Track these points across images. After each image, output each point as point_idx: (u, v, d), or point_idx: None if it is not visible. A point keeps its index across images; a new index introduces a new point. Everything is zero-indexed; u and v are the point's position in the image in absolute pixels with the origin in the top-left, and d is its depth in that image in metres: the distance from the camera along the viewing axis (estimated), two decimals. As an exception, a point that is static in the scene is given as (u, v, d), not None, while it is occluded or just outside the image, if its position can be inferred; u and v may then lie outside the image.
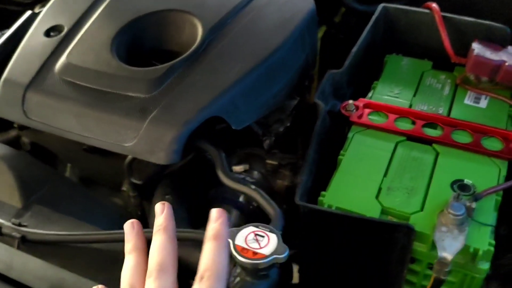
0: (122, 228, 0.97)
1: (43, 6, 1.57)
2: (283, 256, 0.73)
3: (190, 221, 0.94)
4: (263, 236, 0.76)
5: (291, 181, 1.12)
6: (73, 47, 1.10)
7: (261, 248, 0.74)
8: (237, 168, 1.11)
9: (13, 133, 1.22)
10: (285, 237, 0.96)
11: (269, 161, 1.12)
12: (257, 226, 0.77)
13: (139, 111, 0.96)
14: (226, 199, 1.07)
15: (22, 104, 1.04)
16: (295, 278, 1.04)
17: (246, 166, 1.13)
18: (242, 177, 1.10)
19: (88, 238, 0.80)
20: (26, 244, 0.81)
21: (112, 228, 0.95)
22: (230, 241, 0.75)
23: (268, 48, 1.03)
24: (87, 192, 1.00)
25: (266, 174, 1.14)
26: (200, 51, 1.04)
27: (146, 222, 1.11)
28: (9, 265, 0.83)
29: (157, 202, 0.99)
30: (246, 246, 0.74)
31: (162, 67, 1.01)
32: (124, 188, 1.10)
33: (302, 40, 1.09)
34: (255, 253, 0.73)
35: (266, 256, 0.73)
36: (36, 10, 1.37)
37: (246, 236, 0.76)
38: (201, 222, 1.01)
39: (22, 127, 1.18)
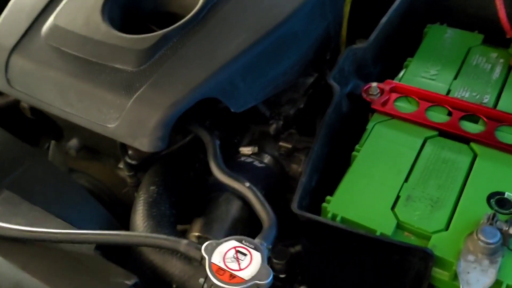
0: (100, 218, 0.90)
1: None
2: (265, 282, 0.61)
3: (175, 216, 0.83)
4: (245, 255, 0.63)
5: None
6: (62, 7, 0.98)
7: (240, 270, 0.62)
8: (245, 150, 0.98)
9: (12, 96, 1.14)
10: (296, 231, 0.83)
11: (282, 144, 0.98)
12: (240, 241, 0.65)
13: (124, 88, 0.84)
14: (226, 187, 0.95)
15: (5, 71, 0.95)
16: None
17: (255, 149, 0.99)
18: (251, 161, 0.97)
19: (51, 237, 0.71)
20: (-13, 238, 0.73)
21: (89, 218, 0.86)
22: (206, 257, 0.64)
23: (279, 15, 0.87)
24: (65, 177, 0.90)
25: (279, 157, 1.00)
26: (200, 17, 0.89)
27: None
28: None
29: (142, 192, 0.90)
30: (223, 266, 0.62)
31: (154, 35, 0.87)
32: (120, 166, 1.00)
33: (322, 6, 0.92)
34: (232, 276, 0.61)
35: (245, 281, 0.61)
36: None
37: (226, 252, 0.64)
38: (196, 211, 0.92)
39: None
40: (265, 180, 0.95)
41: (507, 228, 0.65)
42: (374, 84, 0.86)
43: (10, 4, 1.04)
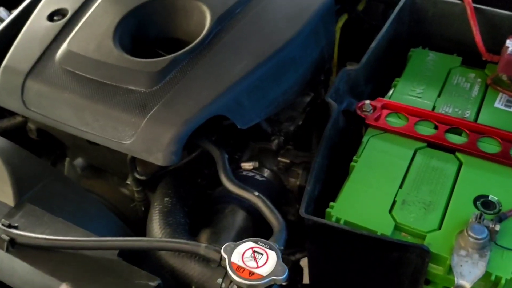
0: (116, 229, 0.95)
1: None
2: (282, 277, 0.67)
3: (188, 225, 0.89)
4: (261, 254, 0.70)
5: (304, 181, 1.05)
6: (75, 34, 1.04)
7: (258, 267, 0.68)
8: (246, 165, 1.05)
9: (19, 118, 1.18)
10: (299, 240, 0.89)
11: (281, 159, 1.05)
12: (256, 242, 0.71)
13: (138, 107, 0.90)
14: (231, 199, 1.01)
15: (22, 94, 1.00)
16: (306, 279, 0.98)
17: (256, 164, 1.06)
18: (252, 175, 1.04)
19: (78, 245, 0.76)
20: (15, 247, 0.77)
21: (106, 229, 0.91)
22: (226, 257, 0.70)
23: (278, 41, 0.95)
24: (82, 191, 0.95)
25: (277, 172, 1.07)
26: (206, 42, 0.97)
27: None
28: (-1, 267, 0.79)
29: (157, 203, 0.96)
30: (242, 264, 0.68)
31: (165, 59, 0.94)
32: (128, 182, 1.06)
33: (317, 33, 1.01)
34: (251, 273, 0.67)
35: (263, 277, 0.67)
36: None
37: (243, 253, 0.70)
38: (202, 222, 0.97)
39: None
40: (265, 192, 1.01)
41: (493, 226, 0.73)
42: (367, 101, 0.95)
43: (22, 32, 1.10)
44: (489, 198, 0.79)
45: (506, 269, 0.71)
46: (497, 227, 0.73)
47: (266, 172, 1.07)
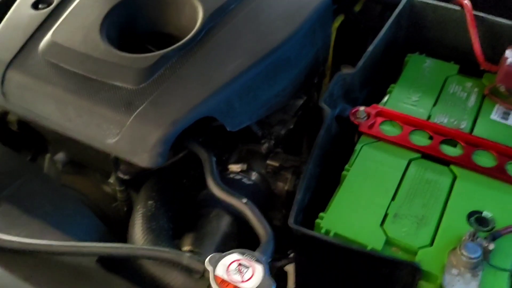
0: (96, 230, 0.91)
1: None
2: (268, 293, 0.65)
3: (172, 230, 0.86)
4: (247, 267, 0.67)
5: (293, 186, 1.02)
6: (60, 24, 1.00)
7: (243, 281, 0.65)
8: (234, 168, 1.02)
9: None
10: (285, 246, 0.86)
11: (270, 162, 1.02)
12: (242, 254, 0.68)
13: (124, 105, 0.86)
14: (216, 203, 0.98)
15: (1, 85, 0.95)
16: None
17: (244, 166, 1.03)
18: (239, 178, 1.01)
19: (54, 249, 0.72)
20: (-12, 249, 0.74)
21: (85, 231, 0.88)
22: (210, 268, 0.67)
23: (273, 41, 0.92)
24: (62, 190, 0.92)
25: (266, 175, 1.04)
26: (198, 39, 0.93)
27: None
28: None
29: (140, 206, 0.92)
30: (226, 278, 0.66)
31: (153, 55, 0.91)
32: (111, 181, 1.02)
33: (313, 34, 0.97)
34: (236, 288, 0.65)
35: (248, 293, 0.64)
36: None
37: (229, 265, 0.67)
38: (186, 226, 0.94)
39: None
40: (252, 196, 0.98)
41: (486, 245, 0.71)
42: (362, 108, 0.92)
43: (5, 19, 1.05)
44: (483, 215, 0.77)
45: (498, 290, 0.69)
46: (491, 247, 0.70)
47: (254, 175, 1.04)
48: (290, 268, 0.90)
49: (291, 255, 0.93)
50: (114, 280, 0.70)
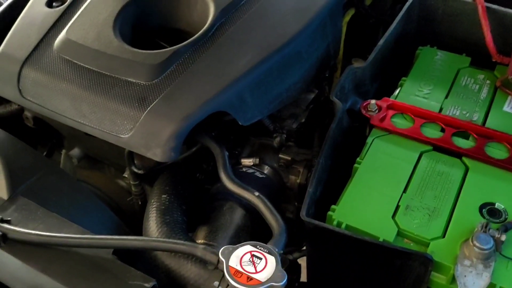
0: (111, 224, 0.93)
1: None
2: (280, 284, 0.65)
3: (186, 223, 0.87)
4: (260, 258, 0.68)
5: (305, 179, 1.03)
6: (74, 22, 1.01)
7: (257, 272, 0.66)
8: (246, 161, 1.03)
9: (16, 105, 1.16)
10: (297, 239, 0.87)
11: (282, 156, 1.03)
12: (255, 246, 0.69)
13: (138, 100, 0.87)
14: (229, 196, 0.99)
15: (18, 82, 0.97)
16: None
17: (256, 160, 1.04)
18: (252, 172, 1.02)
19: (71, 242, 0.74)
20: (7, 242, 0.75)
21: (100, 224, 0.89)
22: (224, 260, 0.68)
23: (284, 35, 0.92)
24: (77, 184, 0.93)
25: (278, 169, 1.05)
26: (209, 35, 0.94)
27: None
28: (-11, 262, 0.77)
29: (154, 200, 0.93)
30: (240, 269, 0.67)
31: (166, 51, 0.92)
32: (125, 175, 1.03)
33: (323, 28, 0.98)
34: (249, 278, 0.66)
35: (262, 283, 0.65)
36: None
37: (242, 256, 0.68)
38: (199, 219, 0.95)
39: None
40: (265, 190, 0.99)
41: (498, 236, 0.71)
42: (373, 101, 0.92)
43: (20, 18, 1.07)
44: (496, 206, 0.77)
45: (511, 280, 0.69)
46: (503, 237, 0.71)
47: (266, 169, 1.05)
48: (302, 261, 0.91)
49: (304, 248, 0.94)
50: (130, 272, 0.71)
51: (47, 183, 0.87)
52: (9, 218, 0.78)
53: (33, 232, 0.75)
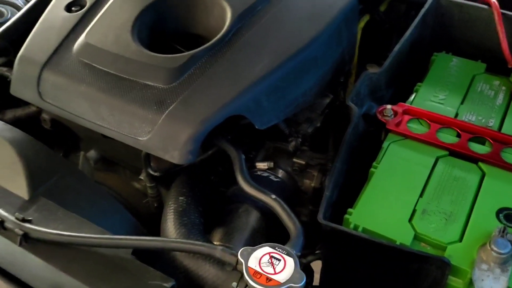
0: (129, 225, 0.94)
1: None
2: (299, 285, 0.66)
3: (203, 225, 0.88)
4: (279, 260, 0.68)
5: (320, 183, 1.04)
6: (93, 26, 1.03)
7: (276, 273, 0.67)
8: (261, 165, 1.04)
9: (34, 107, 1.18)
10: (311, 242, 0.88)
11: (296, 160, 1.03)
12: (273, 247, 0.70)
13: (156, 103, 0.89)
14: (245, 199, 1.00)
15: (38, 85, 0.99)
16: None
17: (271, 164, 1.05)
18: (267, 176, 1.03)
19: (91, 242, 0.75)
20: (29, 241, 0.77)
21: (119, 225, 0.90)
22: (243, 261, 0.69)
23: (299, 42, 0.93)
24: (95, 186, 0.94)
25: (292, 173, 1.06)
26: (226, 40, 0.95)
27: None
28: (10, 261, 0.79)
29: (172, 202, 0.94)
30: (259, 270, 0.67)
31: (184, 55, 0.93)
32: (141, 177, 1.05)
33: (339, 34, 0.99)
34: (268, 279, 0.66)
35: (281, 284, 0.66)
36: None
37: (261, 258, 0.69)
38: (215, 221, 0.96)
39: None
40: (280, 193, 0.99)
41: (516, 240, 0.71)
42: (389, 106, 0.93)
43: (39, 22, 1.09)
44: (513, 211, 0.77)
45: (528, 285, 0.69)
46: (521, 242, 0.71)
47: (281, 173, 1.05)
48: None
49: (318, 251, 0.94)
50: (149, 272, 0.72)
51: (66, 184, 0.88)
52: (30, 218, 0.79)
53: (54, 231, 0.76)
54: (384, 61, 1.00)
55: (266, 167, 1.04)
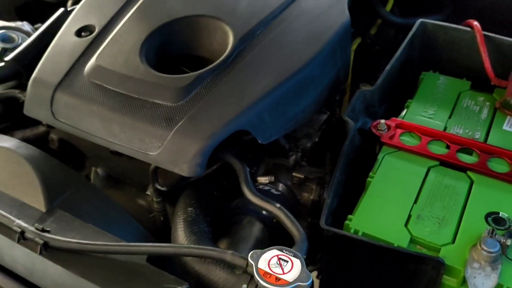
0: (140, 235, 0.98)
1: (76, 3, 1.57)
2: (306, 284, 0.71)
3: (211, 234, 0.93)
4: (286, 261, 0.73)
5: (318, 195, 1.09)
6: (103, 49, 1.09)
7: (284, 273, 0.72)
8: (262, 179, 1.09)
9: (42, 128, 1.23)
10: (309, 253, 0.94)
11: (295, 174, 1.09)
12: (281, 250, 0.75)
13: (165, 120, 0.94)
14: (248, 211, 1.05)
15: (51, 105, 1.04)
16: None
17: (272, 178, 1.10)
18: (268, 189, 1.08)
19: (109, 249, 0.79)
20: (48, 250, 0.81)
21: (131, 235, 0.95)
22: (253, 263, 0.73)
23: (298, 62, 1.00)
24: (107, 198, 0.99)
25: (292, 186, 1.11)
26: (229, 61, 1.02)
27: (169, 228, 1.11)
28: (30, 270, 0.82)
29: (181, 213, 0.99)
30: (269, 271, 0.72)
31: (190, 75, 0.99)
32: (148, 193, 1.09)
33: (334, 55, 1.06)
34: (277, 279, 0.71)
35: (290, 283, 0.71)
36: (69, 7, 1.37)
37: (269, 259, 0.74)
38: (219, 233, 1.01)
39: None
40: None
41: (504, 240, 0.77)
42: (382, 121, 1.00)
43: (51, 46, 1.14)
44: (500, 215, 0.84)
45: (517, 281, 0.75)
46: (508, 242, 0.77)
47: (281, 187, 1.11)
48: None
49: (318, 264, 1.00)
50: (164, 276, 0.77)
51: (80, 197, 0.92)
52: (48, 229, 0.84)
53: (73, 240, 0.81)
54: (375, 81, 1.07)
55: (268, 181, 1.10)
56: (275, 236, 1.02)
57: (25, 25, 1.41)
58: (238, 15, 1.10)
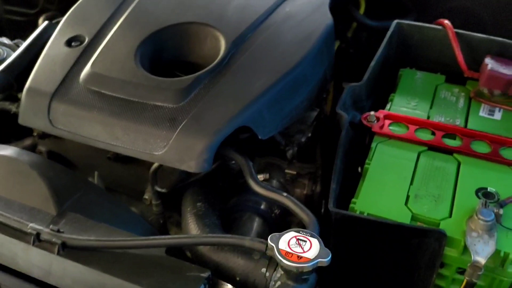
0: (149, 234, 0.99)
1: (48, 18, 1.58)
2: (326, 259, 0.75)
3: (221, 226, 0.96)
4: (305, 241, 0.78)
5: (310, 190, 1.15)
6: (97, 57, 1.11)
7: (304, 252, 0.76)
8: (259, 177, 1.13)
9: (28, 141, 1.22)
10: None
11: (288, 171, 1.14)
12: (298, 231, 0.79)
13: (168, 121, 0.97)
14: (248, 207, 1.09)
15: (48, 113, 1.04)
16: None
17: (266, 176, 1.15)
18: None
19: (127, 245, 0.81)
20: (66, 250, 0.81)
21: (140, 232, 0.96)
22: (273, 245, 0.77)
23: (291, 61, 1.06)
24: (114, 200, 1.00)
25: (285, 183, 1.16)
26: (224, 63, 1.06)
27: (166, 231, 1.12)
28: (47, 271, 0.82)
29: (190, 208, 1.01)
30: (290, 251, 0.76)
31: (188, 77, 1.03)
32: (146, 196, 1.11)
33: (321, 54, 1.13)
34: (299, 257, 0.75)
35: (311, 260, 0.75)
36: (40, 21, 1.38)
37: (289, 240, 0.78)
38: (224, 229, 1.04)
39: (41, 136, 1.18)
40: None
41: (497, 210, 0.85)
42: (372, 113, 1.07)
43: (41, 57, 1.15)
44: (488, 190, 0.91)
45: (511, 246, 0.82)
46: (501, 211, 0.84)
47: (275, 184, 1.16)
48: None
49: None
50: (185, 265, 0.79)
51: (89, 199, 0.93)
52: (62, 230, 0.84)
53: (91, 238, 0.82)
54: (355, 81, 1.14)
55: (262, 179, 1.14)
56: (274, 230, 1.06)
57: (5, 40, 1.41)
58: (227, 20, 1.15)
